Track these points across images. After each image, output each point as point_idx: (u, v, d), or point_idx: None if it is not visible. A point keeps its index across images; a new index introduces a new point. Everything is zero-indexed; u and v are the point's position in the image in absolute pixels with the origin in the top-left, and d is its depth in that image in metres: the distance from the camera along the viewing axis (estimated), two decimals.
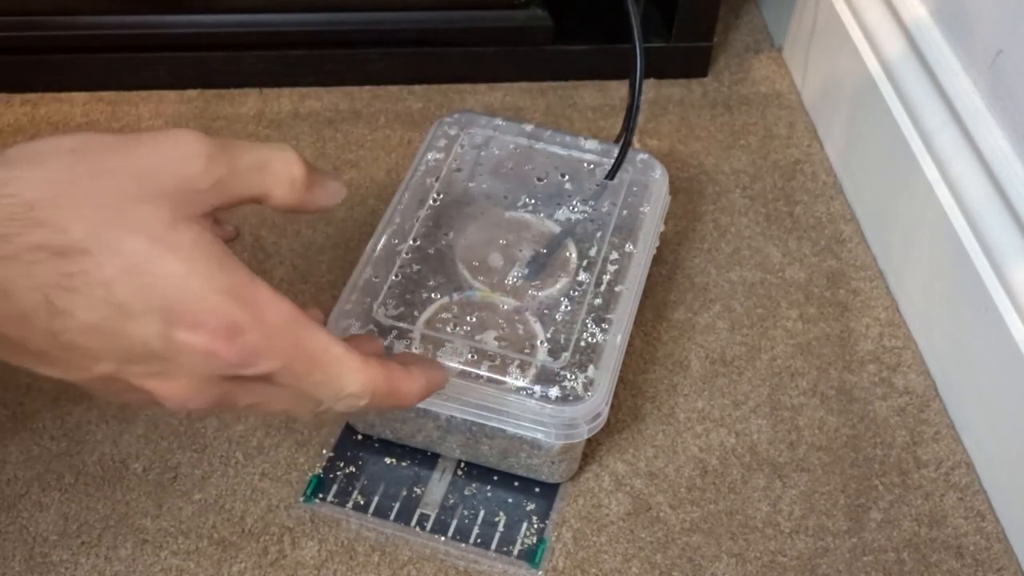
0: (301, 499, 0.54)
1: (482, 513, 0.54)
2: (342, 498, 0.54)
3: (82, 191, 0.32)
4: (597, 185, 0.59)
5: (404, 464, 0.55)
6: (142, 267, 0.32)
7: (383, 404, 0.39)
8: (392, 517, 0.53)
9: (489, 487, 0.55)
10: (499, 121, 0.62)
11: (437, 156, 0.60)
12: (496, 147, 0.61)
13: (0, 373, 0.58)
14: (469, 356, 0.50)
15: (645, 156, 0.61)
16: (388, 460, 0.55)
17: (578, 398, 0.49)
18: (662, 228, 0.60)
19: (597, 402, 0.49)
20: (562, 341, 0.51)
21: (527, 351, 0.51)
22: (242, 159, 0.36)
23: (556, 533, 0.53)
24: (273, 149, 0.37)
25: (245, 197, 0.37)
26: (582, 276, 0.55)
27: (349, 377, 0.37)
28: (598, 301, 0.53)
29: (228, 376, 0.35)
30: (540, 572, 0.52)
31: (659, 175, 0.60)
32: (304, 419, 0.37)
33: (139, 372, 0.34)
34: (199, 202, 0.35)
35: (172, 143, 0.35)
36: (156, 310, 0.33)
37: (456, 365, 0.50)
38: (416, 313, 0.52)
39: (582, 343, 0.51)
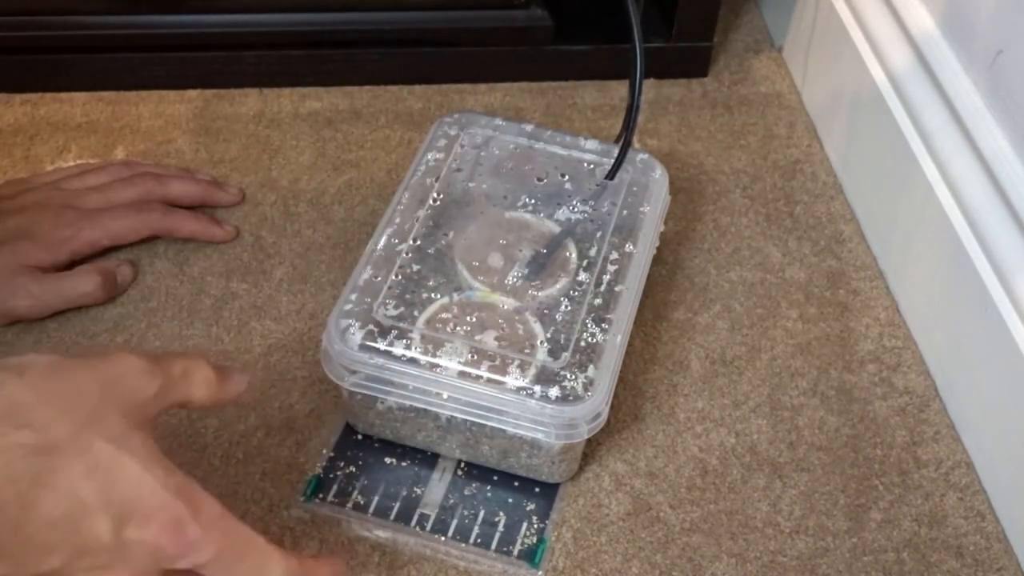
0: (301, 499, 0.54)
1: (482, 513, 0.54)
2: (342, 498, 0.54)
3: (60, 398, 0.37)
4: (597, 185, 0.59)
5: (404, 464, 0.55)
6: (105, 467, 0.36)
7: None
8: (392, 517, 0.53)
9: (489, 487, 0.55)
10: (499, 121, 0.62)
11: (437, 156, 0.60)
12: (496, 147, 0.61)
13: None
14: (469, 356, 0.50)
15: (645, 156, 0.61)
16: (388, 460, 0.55)
17: (578, 398, 0.49)
18: (662, 228, 0.60)
19: (597, 402, 0.49)
20: (562, 341, 0.51)
21: (527, 351, 0.51)
22: (173, 370, 0.42)
23: (556, 533, 0.53)
24: (189, 360, 0.43)
25: (176, 402, 0.42)
26: (582, 276, 0.55)
27: (272, 564, 0.41)
28: (598, 301, 0.53)
29: (162, 570, 0.38)
30: (540, 572, 0.52)
31: (659, 175, 0.60)
32: None
33: (84, 566, 0.36)
34: (146, 410, 0.40)
35: (123, 364, 0.40)
36: (113, 507, 0.36)
37: (456, 365, 0.50)
38: (416, 313, 0.52)
39: (582, 343, 0.51)
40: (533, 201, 0.59)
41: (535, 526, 0.53)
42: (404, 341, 0.51)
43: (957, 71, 0.61)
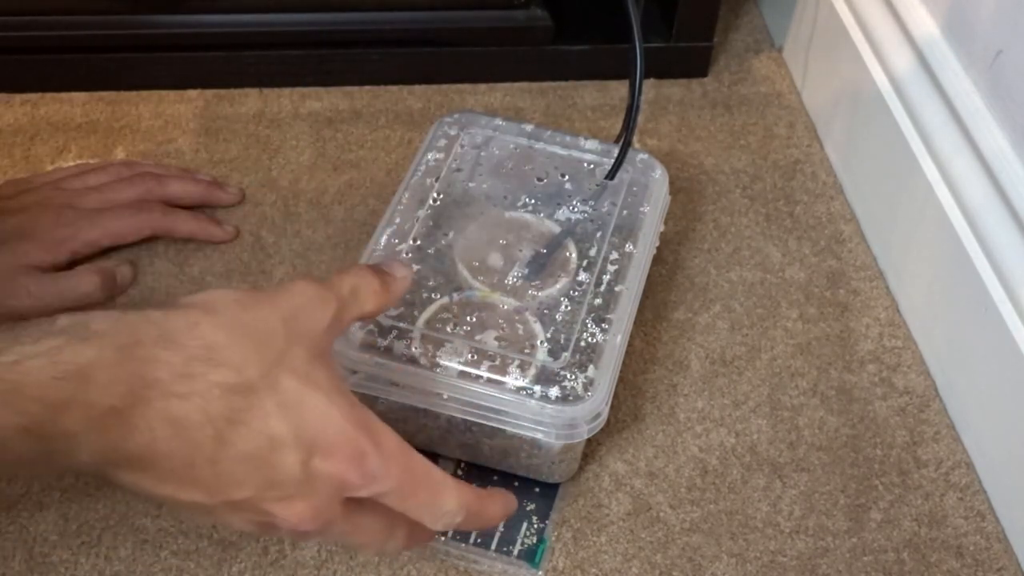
0: None
1: None
2: None
3: (250, 337, 0.38)
4: (597, 185, 0.59)
5: None
6: (294, 403, 0.37)
7: (471, 524, 0.44)
8: None
9: (489, 487, 0.55)
10: (499, 121, 0.62)
11: (437, 156, 0.60)
12: (496, 147, 0.61)
13: None
14: (469, 356, 0.50)
15: (645, 156, 0.61)
16: None
17: (578, 398, 0.49)
18: (662, 228, 0.60)
19: (597, 402, 0.49)
20: (562, 341, 0.51)
21: (527, 351, 0.51)
22: (343, 291, 0.42)
23: (556, 533, 0.53)
24: (356, 276, 0.44)
25: (352, 320, 0.44)
26: (582, 276, 0.55)
27: (448, 496, 0.42)
28: (598, 301, 0.53)
29: (346, 498, 0.39)
30: (540, 572, 0.52)
31: (659, 175, 0.60)
32: (390, 554, 0.44)
33: (273, 496, 0.38)
34: (325, 341, 0.41)
35: (300, 294, 0.41)
36: (301, 441, 0.37)
37: (456, 365, 0.50)
38: (416, 313, 0.52)
39: (582, 343, 0.51)
40: (533, 201, 0.59)
41: (535, 526, 0.53)
42: (404, 341, 0.51)
43: (957, 71, 0.61)
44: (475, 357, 0.50)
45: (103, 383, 0.34)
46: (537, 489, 0.55)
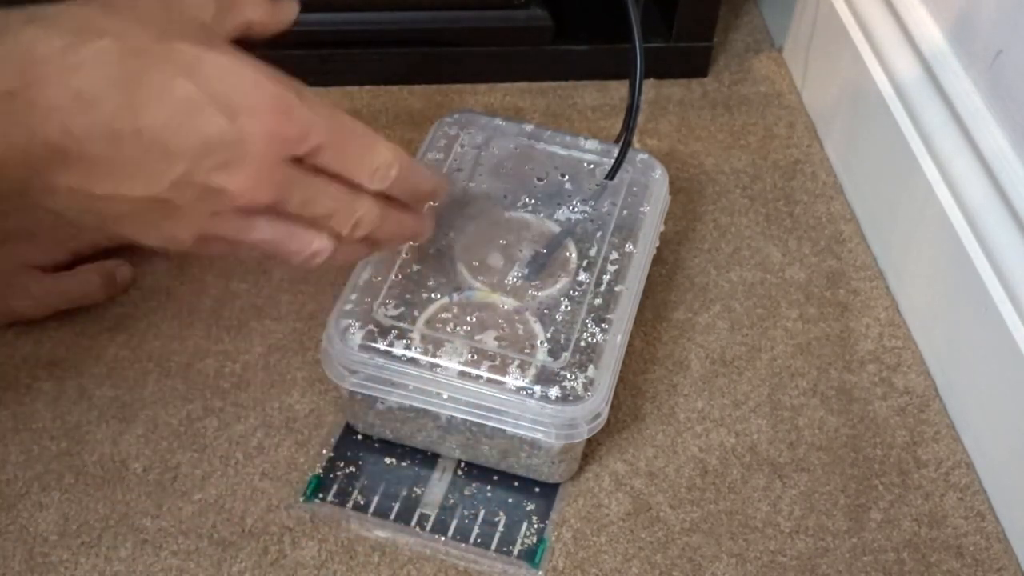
0: (301, 499, 0.54)
1: (482, 513, 0.54)
2: (342, 498, 0.54)
3: (129, 12, 0.37)
4: (597, 185, 0.59)
5: (404, 464, 0.55)
6: (196, 64, 0.36)
7: (405, 186, 0.44)
8: (392, 517, 0.53)
9: (489, 487, 0.55)
10: (499, 121, 0.62)
11: (437, 156, 0.60)
12: (496, 147, 0.61)
13: (0, 373, 0.58)
14: (469, 356, 0.50)
15: (645, 156, 0.61)
16: (388, 460, 0.55)
17: (578, 398, 0.49)
18: (662, 228, 0.60)
19: (597, 402, 0.49)
20: (562, 341, 0.51)
21: (527, 351, 0.51)
22: None
23: (556, 533, 0.53)
24: None
25: (237, 25, 0.43)
26: (582, 276, 0.55)
27: (381, 146, 0.42)
28: (598, 301, 0.53)
29: (287, 160, 0.38)
30: (540, 572, 0.52)
31: (659, 175, 0.60)
32: (342, 229, 0.43)
33: (210, 165, 0.37)
34: (212, 30, 0.41)
35: None
36: (218, 100, 0.36)
37: (456, 365, 0.50)
38: (416, 313, 0.52)
39: (582, 343, 0.51)
40: (533, 201, 0.59)
41: (535, 526, 0.53)
42: (404, 341, 0.51)
43: (957, 71, 0.61)
44: (475, 357, 0.50)
45: None
46: (537, 489, 0.55)
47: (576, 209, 0.58)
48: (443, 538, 0.53)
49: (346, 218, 0.42)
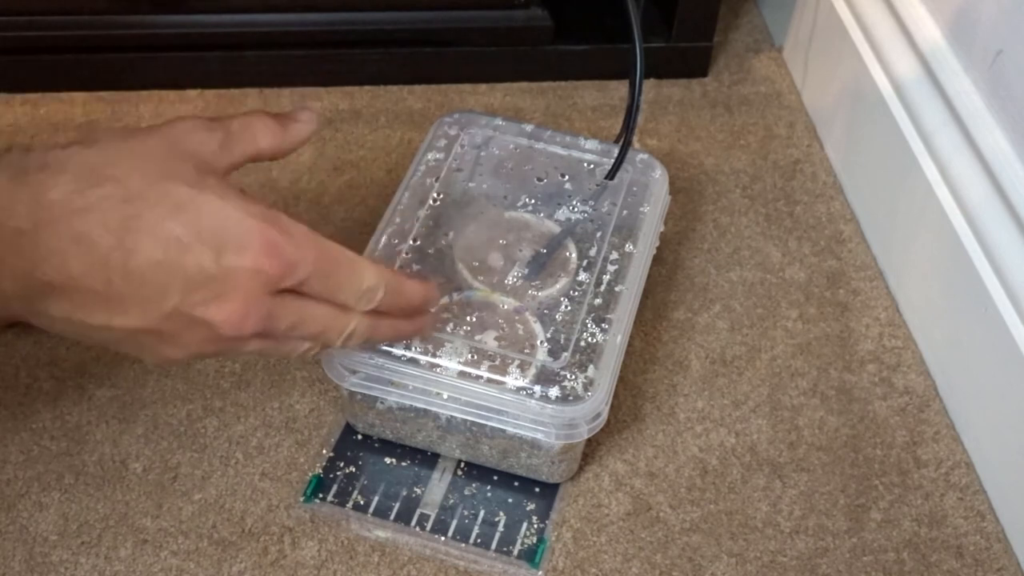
0: (301, 499, 0.54)
1: (482, 513, 0.54)
2: (342, 498, 0.54)
3: (132, 157, 0.40)
4: (597, 185, 0.59)
5: (404, 464, 0.55)
6: (188, 206, 0.39)
7: (394, 302, 0.45)
8: (392, 517, 0.53)
9: (489, 487, 0.55)
10: (499, 121, 0.62)
11: (437, 156, 0.60)
12: (496, 147, 0.61)
13: (0, 373, 0.58)
14: (469, 356, 0.50)
15: (645, 156, 0.61)
16: (388, 460, 0.55)
17: (578, 398, 0.49)
18: (662, 228, 0.60)
19: (597, 402, 0.49)
20: (562, 341, 0.51)
21: (527, 351, 0.51)
22: (231, 125, 0.44)
23: (556, 533, 0.53)
24: (247, 114, 0.45)
25: (244, 155, 0.44)
26: (582, 276, 0.55)
27: (366, 271, 0.44)
28: (598, 301, 0.53)
29: (272, 292, 0.40)
30: (540, 572, 0.52)
31: (659, 175, 0.60)
32: (334, 343, 0.45)
33: (198, 299, 0.39)
34: (214, 163, 0.42)
35: (183, 124, 0.43)
36: (205, 239, 0.39)
37: (456, 365, 0.50)
38: None
39: (582, 343, 0.51)
40: (533, 201, 0.59)
41: (535, 526, 0.53)
42: (404, 341, 0.51)
43: (957, 71, 0.61)
44: (475, 357, 0.50)
45: (3, 207, 0.37)
46: (537, 489, 0.55)
47: (576, 209, 0.58)
48: (443, 538, 0.53)
49: (336, 334, 0.44)
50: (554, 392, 0.49)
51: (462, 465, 0.55)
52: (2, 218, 0.37)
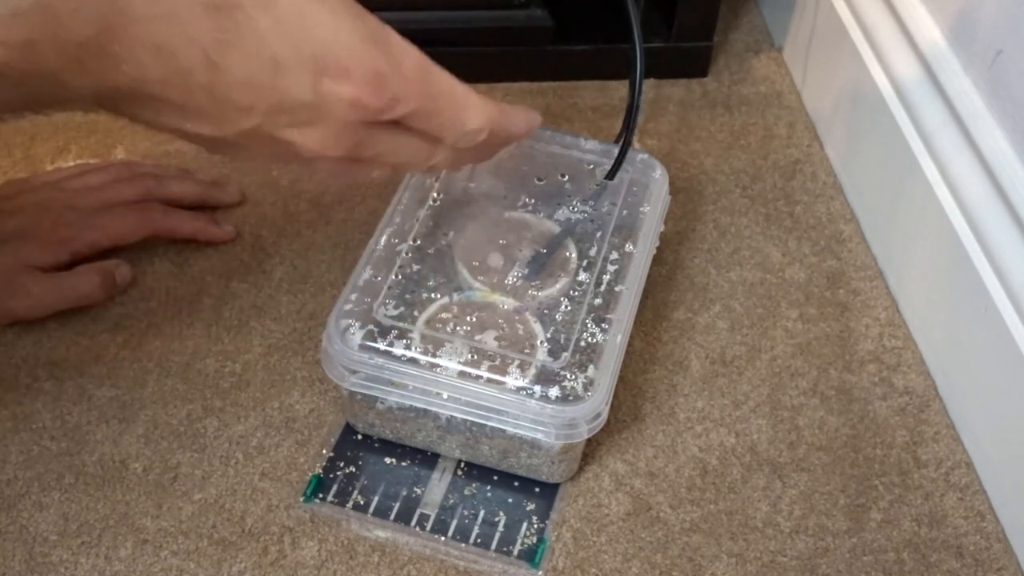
0: (301, 499, 0.54)
1: (482, 513, 0.54)
2: (342, 498, 0.54)
3: None
4: (597, 185, 0.59)
5: (404, 464, 0.55)
6: (294, 19, 0.34)
7: (495, 140, 0.42)
8: (392, 517, 0.53)
9: (489, 487, 0.55)
10: None
11: None
12: None
13: (0, 373, 0.58)
14: (469, 356, 0.50)
15: (645, 156, 0.61)
16: (388, 460, 0.55)
17: (578, 398, 0.49)
18: (662, 228, 0.60)
19: (597, 402, 0.49)
20: (562, 341, 0.51)
21: (527, 351, 0.51)
22: None
23: (556, 533, 0.53)
24: None
25: None
26: (582, 276, 0.55)
27: (472, 113, 0.40)
28: (598, 301, 0.53)
29: (366, 122, 0.37)
30: (540, 572, 0.52)
31: (659, 175, 0.60)
32: (419, 168, 0.42)
33: (284, 123, 0.35)
34: None
35: None
36: (307, 62, 0.34)
37: (456, 365, 0.50)
38: (416, 313, 0.52)
39: (582, 343, 0.51)
40: (533, 201, 0.59)
41: (535, 526, 0.53)
42: (404, 341, 0.51)
43: (957, 71, 0.61)
44: (475, 357, 0.50)
45: (69, 14, 0.31)
46: (537, 489, 0.55)
47: (576, 209, 0.58)
48: (443, 538, 0.53)
49: (419, 166, 0.41)
50: (554, 392, 0.49)
51: (462, 465, 0.55)
52: (68, 29, 0.31)
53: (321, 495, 0.54)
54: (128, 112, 0.35)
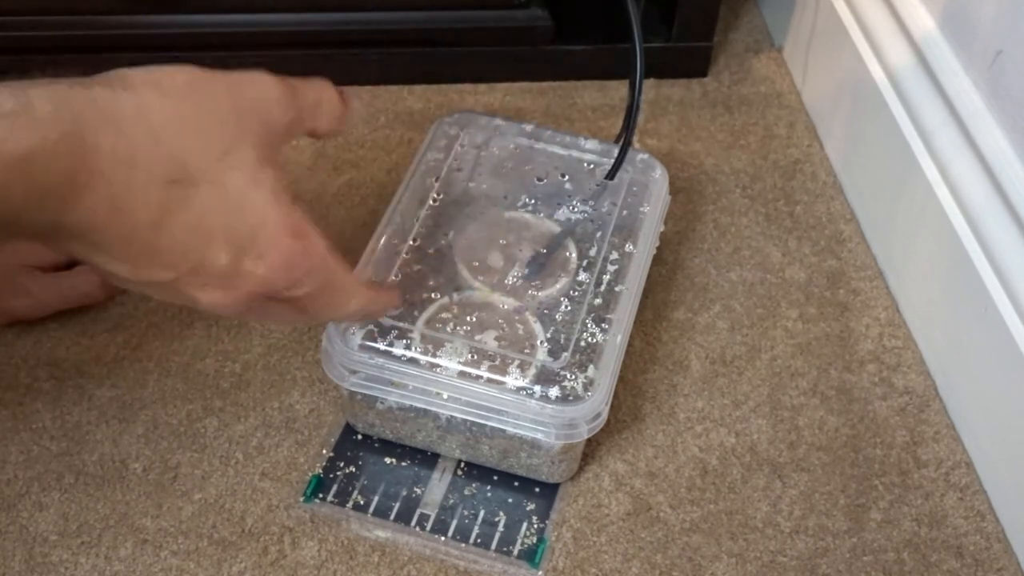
0: (301, 499, 0.54)
1: (482, 513, 0.54)
2: (342, 498, 0.54)
3: (197, 127, 0.38)
4: (597, 185, 0.59)
5: (404, 464, 0.55)
6: (235, 201, 0.38)
7: (363, 317, 0.49)
8: (392, 517, 0.53)
9: (489, 487, 0.55)
10: (499, 121, 0.62)
11: (437, 156, 0.60)
12: (496, 147, 0.61)
13: (0, 373, 0.58)
14: (469, 356, 0.50)
15: (645, 156, 0.61)
16: (388, 460, 0.55)
17: (578, 398, 0.49)
18: (662, 228, 0.60)
19: (597, 402, 0.49)
20: (562, 341, 0.51)
21: (527, 351, 0.51)
22: (307, 100, 0.43)
23: (556, 533, 0.53)
24: (320, 89, 0.45)
25: (304, 132, 0.44)
26: (582, 276, 0.55)
27: (352, 299, 0.45)
28: (598, 301, 0.53)
29: (264, 294, 0.41)
30: (540, 572, 0.52)
31: (659, 175, 0.60)
32: (283, 327, 0.48)
33: (196, 283, 0.39)
34: (276, 143, 0.41)
35: (259, 87, 0.41)
36: (234, 240, 0.38)
37: (456, 365, 0.50)
38: (416, 313, 0.52)
39: (582, 343, 0.51)
40: (533, 201, 0.59)
41: (535, 526, 0.53)
42: (404, 341, 0.51)
43: (957, 71, 0.61)
44: (475, 357, 0.50)
45: (44, 167, 0.34)
46: (537, 489, 0.55)
47: (576, 209, 0.58)
48: (443, 538, 0.53)
49: (284, 326, 0.47)
50: (554, 392, 0.49)
51: (462, 465, 0.55)
52: (39, 180, 0.34)
53: (321, 495, 0.54)
54: (61, 246, 0.37)
